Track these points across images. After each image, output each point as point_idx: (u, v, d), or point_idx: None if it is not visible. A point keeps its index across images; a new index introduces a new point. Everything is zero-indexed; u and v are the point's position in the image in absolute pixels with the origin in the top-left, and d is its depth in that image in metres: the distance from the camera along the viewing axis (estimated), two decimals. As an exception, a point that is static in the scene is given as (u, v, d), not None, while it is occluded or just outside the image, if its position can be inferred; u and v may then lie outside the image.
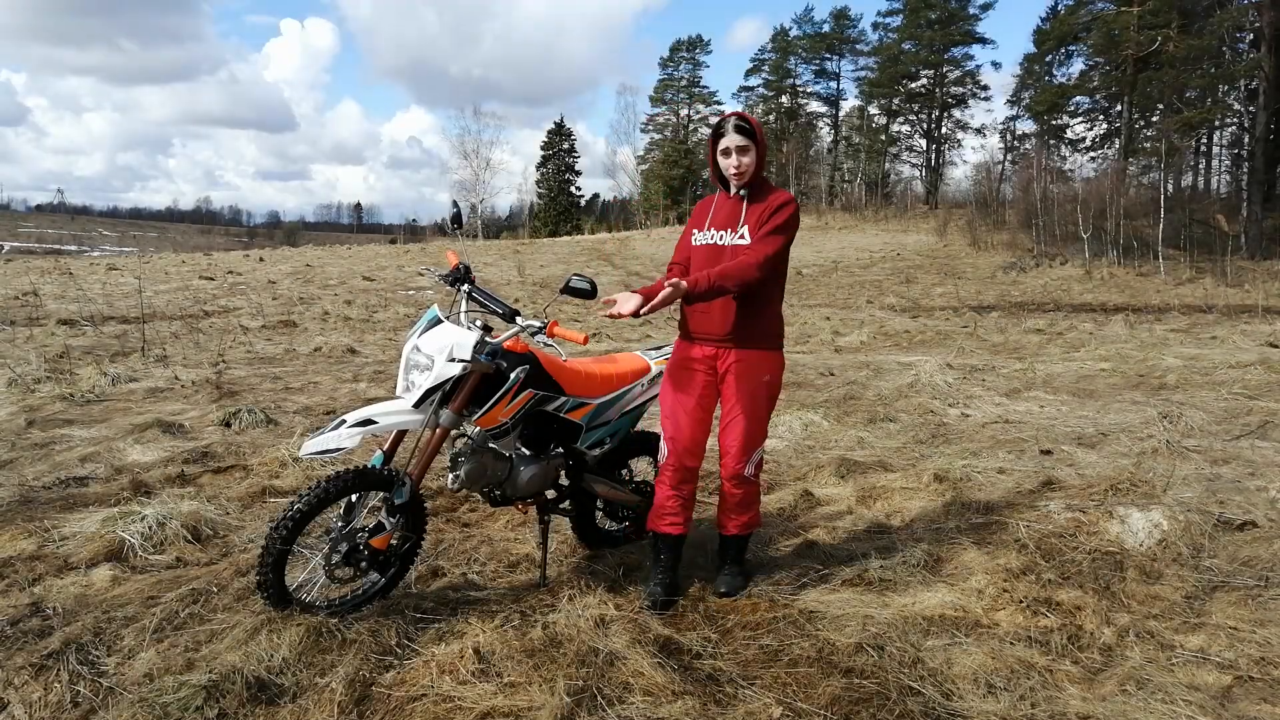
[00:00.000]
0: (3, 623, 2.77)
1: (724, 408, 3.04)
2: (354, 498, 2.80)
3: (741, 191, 2.98)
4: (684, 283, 2.71)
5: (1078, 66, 44.31)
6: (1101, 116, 42.84)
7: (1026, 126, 50.07)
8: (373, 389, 7.65)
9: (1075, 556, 3.36)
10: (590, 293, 2.85)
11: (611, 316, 2.72)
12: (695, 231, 3.07)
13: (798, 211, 2.97)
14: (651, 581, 3.08)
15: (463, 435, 3.08)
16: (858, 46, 60.78)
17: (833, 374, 8.78)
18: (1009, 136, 52.32)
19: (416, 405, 2.78)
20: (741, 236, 2.93)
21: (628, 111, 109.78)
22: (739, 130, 2.91)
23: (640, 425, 3.59)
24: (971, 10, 52.38)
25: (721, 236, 2.97)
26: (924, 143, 57.18)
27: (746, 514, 3.16)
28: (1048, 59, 45.36)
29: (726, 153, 2.93)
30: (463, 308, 3.00)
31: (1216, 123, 36.76)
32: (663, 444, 3.08)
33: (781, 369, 3.08)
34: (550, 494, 3.34)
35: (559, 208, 67.86)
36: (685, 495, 3.09)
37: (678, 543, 3.13)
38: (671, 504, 3.07)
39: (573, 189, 69.97)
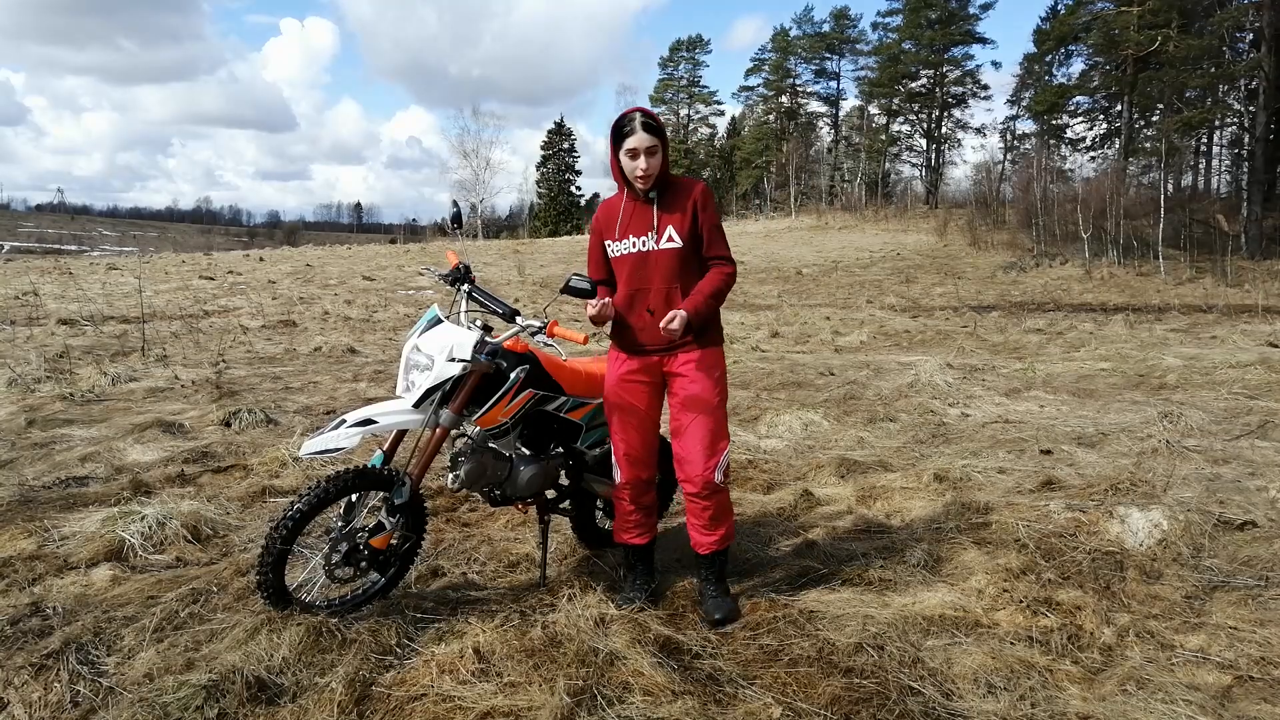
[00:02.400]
0: (3, 622, 2.77)
1: (676, 412, 2.87)
2: (354, 497, 2.80)
3: (650, 194, 2.81)
4: (684, 313, 2.66)
5: (1078, 66, 44.35)
6: (1101, 116, 42.81)
7: (1026, 126, 50.14)
8: (373, 389, 7.65)
9: (1075, 556, 3.35)
10: (590, 292, 2.85)
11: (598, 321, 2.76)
12: (609, 242, 2.87)
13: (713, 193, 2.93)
14: (628, 588, 3.07)
15: (463, 435, 3.08)
16: (858, 46, 60.86)
17: (833, 374, 8.78)
18: (1009, 136, 52.38)
19: (416, 405, 2.78)
20: (669, 239, 2.78)
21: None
22: (647, 129, 2.71)
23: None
24: (971, 10, 52.41)
25: (643, 243, 2.79)
26: (924, 142, 57.20)
27: (722, 527, 2.94)
28: (1048, 59, 45.33)
29: (634, 154, 2.72)
30: (463, 308, 3.00)
31: (1216, 123, 36.74)
32: (614, 465, 2.98)
33: (725, 365, 2.95)
34: (550, 494, 3.34)
35: (559, 208, 67.84)
36: (647, 504, 3.05)
37: (648, 549, 3.11)
38: (635, 516, 3.03)
39: (573, 189, 69.96)
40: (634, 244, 2.82)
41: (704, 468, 2.82)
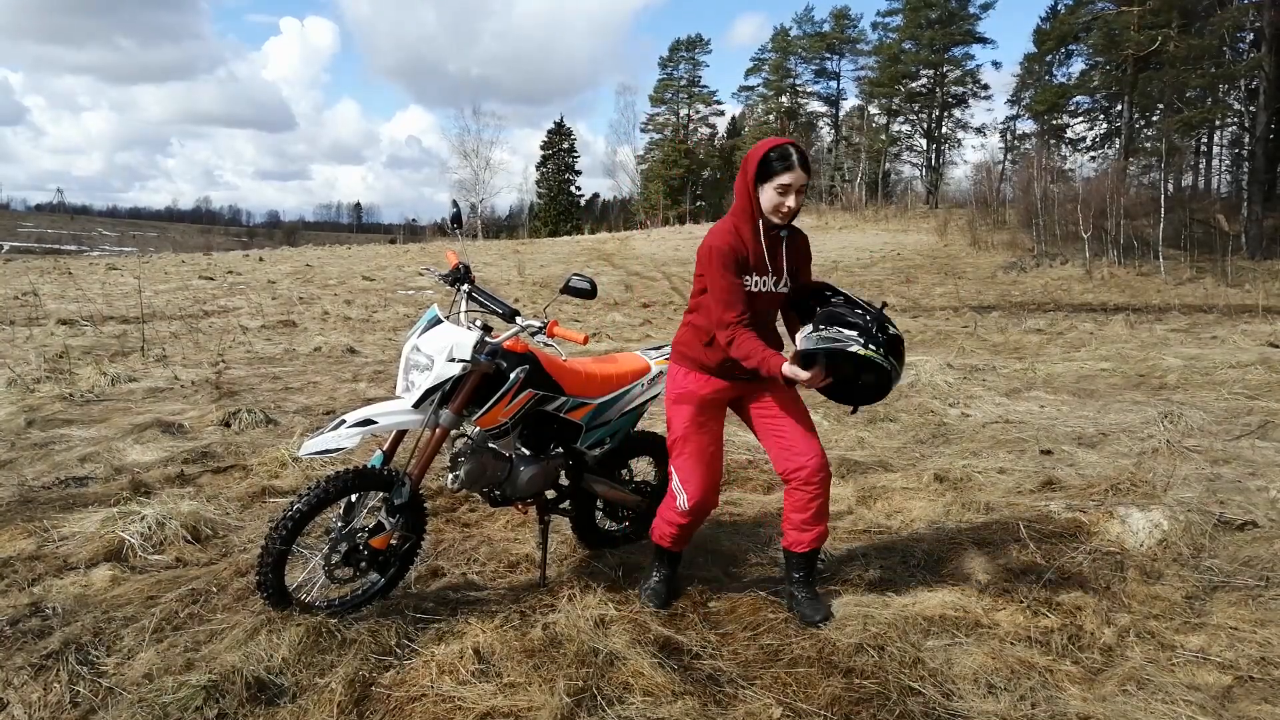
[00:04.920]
0: (2, 623, 2.76)
1: (774, 409, 2.84)
2: (354, 498, 2.79)
3: (783, 232, 2.75)
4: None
5: (1078, 66, 44.31)
6: (1102, 116, 42.80)
7: (1027, 126, 50.06)
8: (372, 389, 7.64)
9: (1076, 557, 3.35)
10: (590, 292, 2.85)
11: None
12: (748, 277, 2.72)
13: None
14: (653, 578, 3.08)
15: (463, 435, 3.08)
16: (858, 46, 60.82)
17: (833, 374, 8.76)
18: (1009, 136, 52.35)
19: (416, 405, 2.78)
20: (785, 284, 2.79)
21: (627, 111, 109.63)
22: (804, 165, 2.60)
23: (640, 425, 3.59)
24: (971, 10, 52.36)
25: (772, 283, 2.76)
26: (924, 142, 57.17)
27: (823, 521, 2.88)
28: (1048, 59, 45.31)
29: (784, 190, 2.60)
30: (462, 308, 2.99)
31: (1217, 122, 36.72)
32: (680, 490, 2.90)
33: None
34: (550, 494, 3.34)
35: (559, 207, 67.82)
36: (699, 525, 3.07)
37: (679, 556, 3.14)
38: (682, 532, 3.01)
39: (573, 189, 69.94)
40: (768, 283, 2.75)
41: (816, 450, 2.80)
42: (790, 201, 2.63)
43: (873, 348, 2.53)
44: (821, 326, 2.60)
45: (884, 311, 2.66)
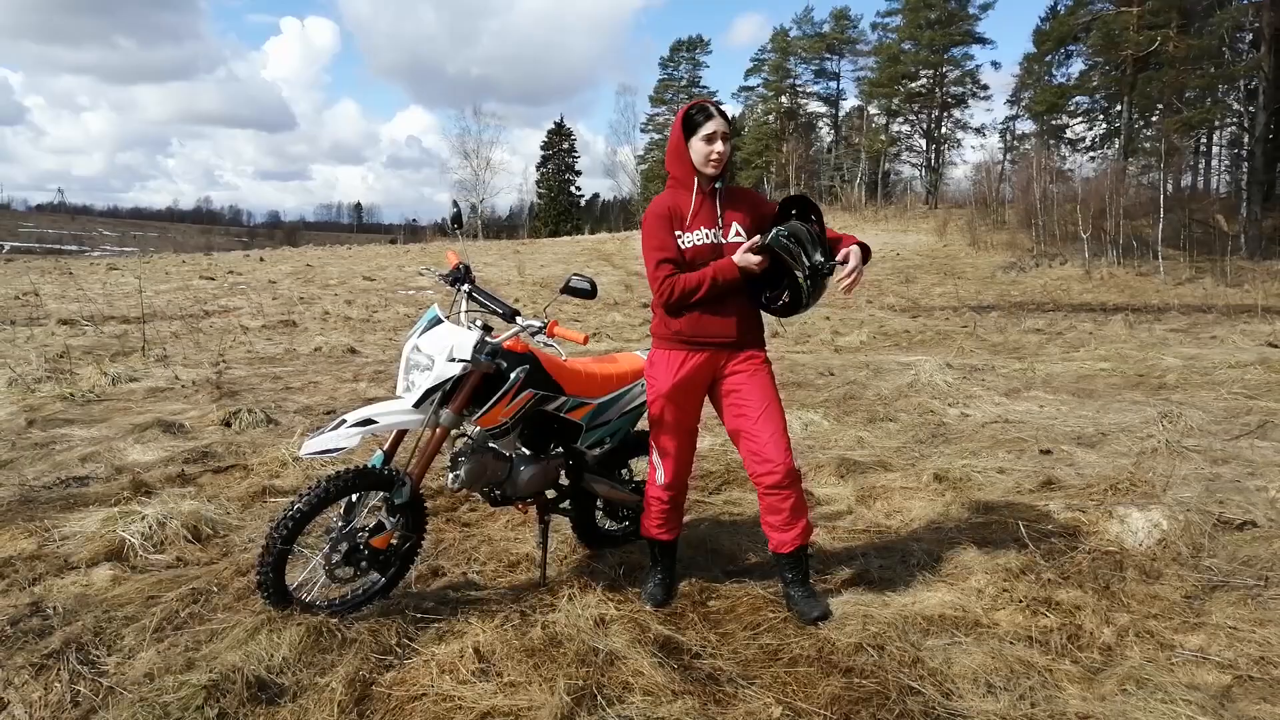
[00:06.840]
0: (3, 622, 2.77)
1: (742, 408, 2.87)
2: (354, 497, 2.80)
3: (716, 184, 2.85)
4: (856, 248, 2.78)
5: (1077, 66, 44.22)
6: (1101, 116, 42.77)
7: (1026, 126, 50.01)
8: (373, 389, 7.65)
9: (1075, 556, 3.36)
10: (590, 293, 2.85)
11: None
12: (679, 232, 2.83)
13: None
14: (650, 583, 3.09)
15: (463, 435, 3.09)
16: (857, 47, 60.74)
17: (832, 374, 8.78)
18: (1009, 136, 52.33)
19: (416, 405, 2.78)
20: (736, 234, 2.83)
21: (627, 111, 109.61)
22: (722, 115, 2.79)
23: (640, 425, 3.59)
24: (971, 10, 52.29)
25: (713, 235, 2.82)
26: (924, 142, 57.14)
27: (802, 519, 2.90)
28: (1047, 59, 45.26)
29: (710, 138, 2.76)
30: (463, 307, 3.00)
31: (1216, 123, 36.70)
32: (658, 464, 3.00)
33: None
34: (550, 494, 3.35)
35: (559, 208, 67.82)
36: (680, 503, 3.11)
37: (673, 546, 3.15)
38: (668, 513, 3.06)
39: (573, 189, 69.93)
40: (706, 235, 2.82)
41: (784, 454, 2.82)
42: (718, 147, 2.77)
43: (808, 283, 2.74)
44: (787, 237, 2.71)
45: (828, 264, 2.74)
